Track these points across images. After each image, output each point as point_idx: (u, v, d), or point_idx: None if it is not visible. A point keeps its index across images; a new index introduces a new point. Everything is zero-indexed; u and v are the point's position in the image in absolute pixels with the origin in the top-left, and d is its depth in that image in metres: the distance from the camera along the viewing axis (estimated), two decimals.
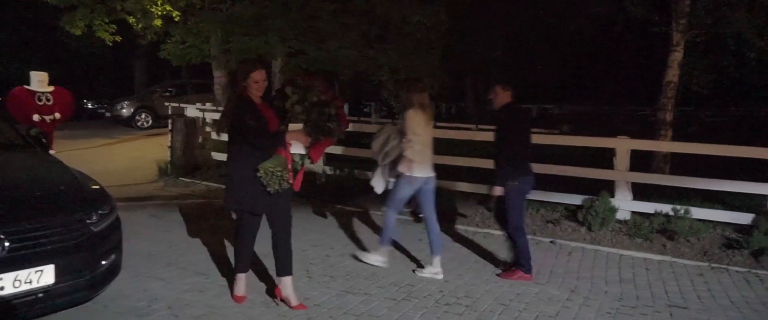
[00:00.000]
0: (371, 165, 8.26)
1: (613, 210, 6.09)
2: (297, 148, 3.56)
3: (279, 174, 3.41)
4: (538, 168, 6.79)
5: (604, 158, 6.59)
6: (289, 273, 3.72)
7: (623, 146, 6.32)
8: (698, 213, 5.85)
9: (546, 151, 8.68)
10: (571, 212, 6.36)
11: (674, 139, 8.69)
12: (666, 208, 5.94)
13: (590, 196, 6.24)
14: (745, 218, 5.71)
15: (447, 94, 24.92)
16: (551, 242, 5.80)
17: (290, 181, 3.50)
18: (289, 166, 3.51)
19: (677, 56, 8.31)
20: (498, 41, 21.08)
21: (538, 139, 8.55)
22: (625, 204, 6.22)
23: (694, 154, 6.56)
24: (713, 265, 5.17)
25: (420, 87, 4.57)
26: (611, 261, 5.27)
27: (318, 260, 4.87)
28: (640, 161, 7.26)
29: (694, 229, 5.66)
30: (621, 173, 6.30)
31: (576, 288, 4.44)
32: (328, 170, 8.18)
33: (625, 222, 6.10)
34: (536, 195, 6.65)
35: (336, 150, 8.19)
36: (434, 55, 13.57)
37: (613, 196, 6.22)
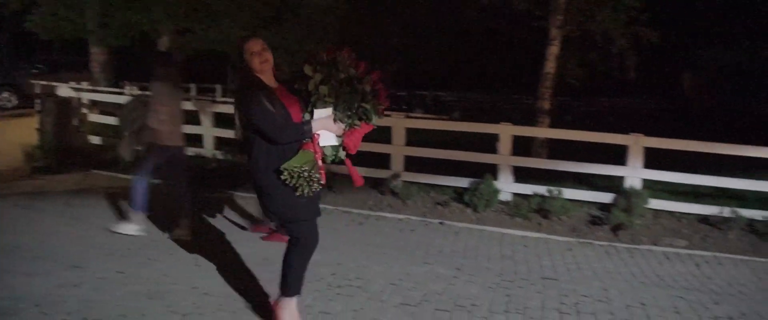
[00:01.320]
0: None
1: (497, 192, 6.51)
2: (327, 140, 2.90)
3: (307, 174, 2.75)
4: (428, 153, 7.14)
5: (490, 143, 7.01)
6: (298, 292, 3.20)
7: (506, 132, 6.76)
8: (569, 193, 6.44)
9: (437, 137, 9.07)
10: (459, 194, 6.71)
11: (551, 126, 9.42)
12: (542, 190, 6.47)
13: (476, 179, 6.62)
14: (607, 197, 6.39)
15: None
16: (440, 223, 6.08)
17: (322, 182, 2.86)
18: (320, 163, 2.86)
19: (554, 50, 9.00)
20: (394, 28, 21.42)
21: (431, 125, 8.94)
22: (507, 187, 6.67)
23: (567, 139, 7.18)
24: (580, 240, 5.73)
25: (167, 60, 4.79)
26: (494, 239, 5.65)
27: (207, 247, 4.71)
28: (522, 146, 7.81)
29: (565, 208, 6.23)
30: (504, 157, 6.74)
31: (462, 266, 4.71)
32: (220, 155, 7.90)
33: (507, 203, 6.55)
34: (427, 179, 6.95)
35: (228, 133, 7.94)
36: (330, 40, 13.53)
37: (496, 179, 6.65)
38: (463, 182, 6.76)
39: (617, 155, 6.59)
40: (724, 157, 6.37)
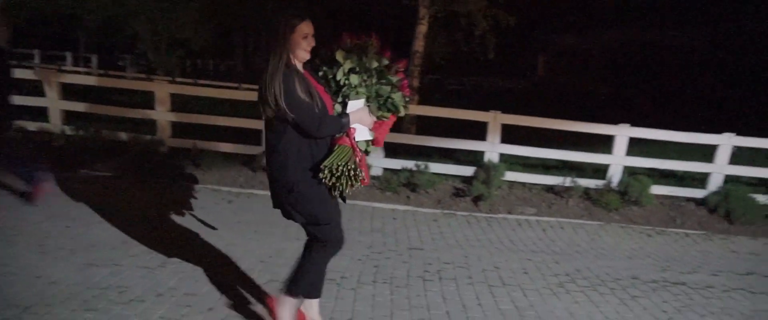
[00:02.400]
0: (120, 123, 7.50)
1: (368, 167, 6.67)
2: (362, 134, 2.67)
3: (351, 171, 2.55)
4: None
5: None
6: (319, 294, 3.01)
7: None
8: (435, 168, 6.80)
9: None
10: None
11: (420, 103, 9.81)
12: (411, 165, 6.76)
13: None
14: (468, 171, 6.85)
15: (214, 50, 23.67)
16: None
17: (365, 179, 2.65)
18: (358, 158, 2.62)
19: (422, 29, 9.32)
20: (267, 4, 20.72)
21: None
22: (378, 162, 6.87)
23: (435, 116, 7.54)
24: (445, 212, 6.11)
25: None
26: (365, 213, 5.82)
27: (55, 232, 4.29)
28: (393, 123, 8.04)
29: (431, 182, 6.58)
30: None
31: None
32: (69, 130, 7.14)
33: (378, 177, 6.76)
34: None
35: (78, 107, 7.22)
36: (196, 8, 12.75)
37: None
38: None
39: (479, 131, 7.07)
40: (567, 132, 7.13)
